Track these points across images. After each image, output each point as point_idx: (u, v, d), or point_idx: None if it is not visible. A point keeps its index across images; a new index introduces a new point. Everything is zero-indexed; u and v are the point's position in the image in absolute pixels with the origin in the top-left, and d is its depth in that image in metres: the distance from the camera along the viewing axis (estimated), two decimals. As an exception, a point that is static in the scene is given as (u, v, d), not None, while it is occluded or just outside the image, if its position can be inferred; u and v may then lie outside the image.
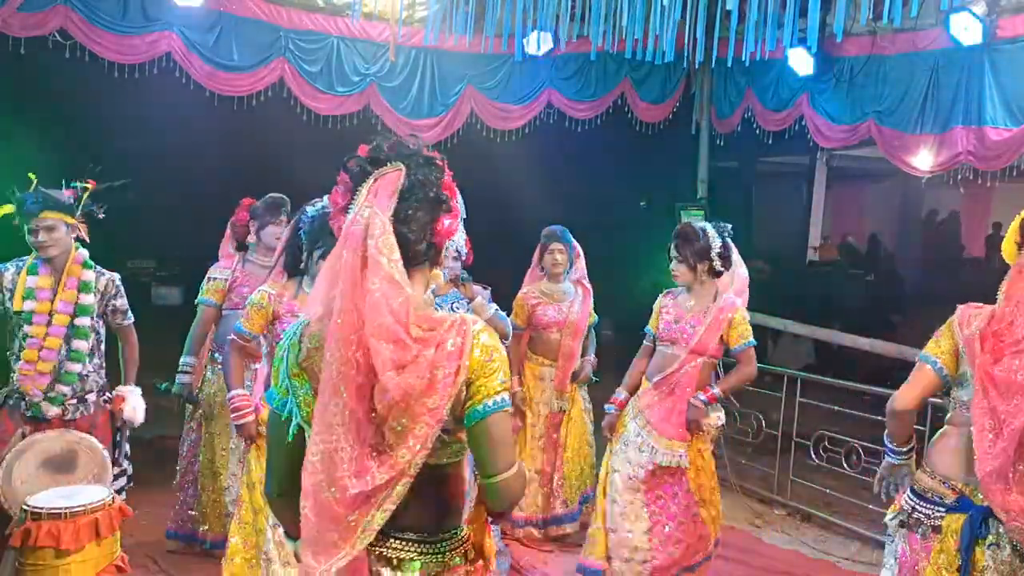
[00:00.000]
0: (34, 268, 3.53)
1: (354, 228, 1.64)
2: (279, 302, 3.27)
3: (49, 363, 3.55)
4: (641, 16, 5.38)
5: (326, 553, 1.61)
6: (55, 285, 3.54)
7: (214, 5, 5.83)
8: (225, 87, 6.05)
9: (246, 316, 3.32)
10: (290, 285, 3.33)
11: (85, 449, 3.50)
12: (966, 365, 2.51)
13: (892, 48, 6.13)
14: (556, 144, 7.74)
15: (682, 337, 3.84)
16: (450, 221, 1.76)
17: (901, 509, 2.62)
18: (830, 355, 8.30)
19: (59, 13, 5.33)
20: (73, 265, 3.58)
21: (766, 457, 5.90)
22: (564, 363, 4.74)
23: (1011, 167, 5.72)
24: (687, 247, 3.80)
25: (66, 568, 3.16)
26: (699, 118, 7.85)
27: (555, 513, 4.84)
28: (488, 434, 1.68)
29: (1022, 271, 2.42)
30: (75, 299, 3.57)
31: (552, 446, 4.80)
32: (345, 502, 1.60)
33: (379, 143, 1.75)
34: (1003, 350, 2.37)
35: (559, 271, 4.75)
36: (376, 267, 1.59)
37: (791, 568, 4.68)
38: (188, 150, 8.17)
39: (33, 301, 3.49)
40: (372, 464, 1.61)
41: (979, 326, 2.44)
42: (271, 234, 4.19)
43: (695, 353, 3.82)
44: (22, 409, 3.54)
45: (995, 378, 2.35)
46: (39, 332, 3.51)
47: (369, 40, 6.46)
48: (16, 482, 3.33)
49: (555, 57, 6.93)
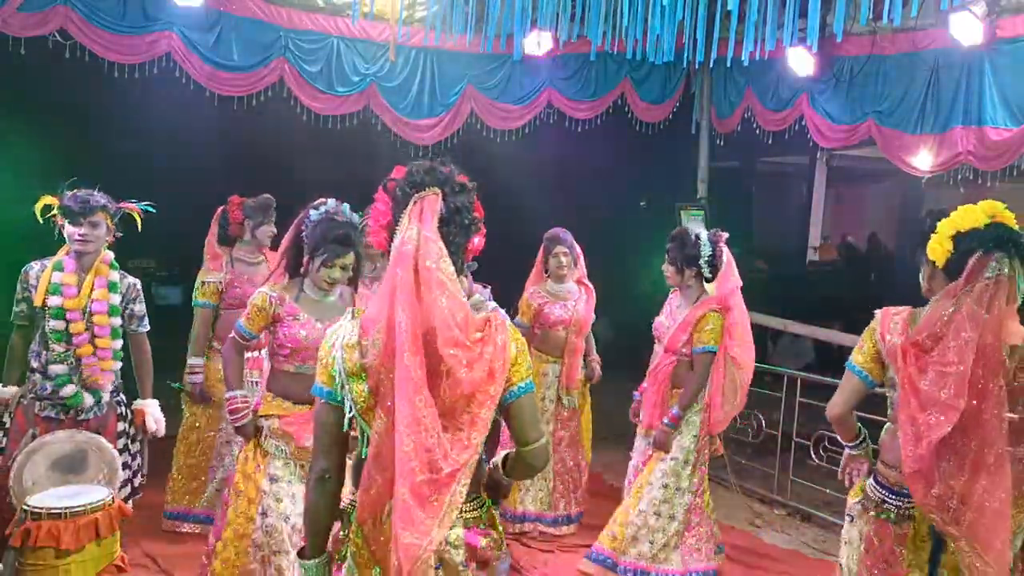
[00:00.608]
0: (59, 265, 3.57)
1: (405, 248, 1.88)
2: (280, 305, 3.29)
3: (109, 362, 3.62)
4: (641, 16, 5.38)
5: (423, 531, 1.84)
6: (80, 283, 3.57)
7: (214, 5, 5.83)
8: (225, 87, 6.04)
9: (247, 316, 3.34)
10: (291, 287, 3.35)
11: (95, 450, 3.52)
12: (892, 371, 2.61)
13: (892, 48, 6.13)
14: (556, 144, 7.73)
15: (664, 335, 4.17)
16: (479, 239, 2.12)
17: (865, 495, 2.80)
18: (830, 355, 8.30)
19: (59, 13, 5.32)
20: (101, 265, 3.64)
21: (766, 457, 5.90)
22: (571, 360, 4.88)
23: (1011, 167, 5.72)
24: (678, 250, 4.08)
25: (66, 568, 3.17)
26: (699, 118, 7.84)
27: (562, 513, 4.96)
28: (523, 409, 2.03)
29: (953, 296, 2.48)
30: (107, 298, 3.61)
31: (558, 443, 4.92)
32: (437, 483, 1.85)
33: (414, 167, 2.00)
34: (927, 364, 2.47)
35: (564, 272, 4.91)
36: (441, 287, 1.87)
37: (791, 568, 4.68)
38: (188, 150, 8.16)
39: (59, 297, 3.52)
40: (451, 448, 1.88)
41: (900, 335, 2.56)
42: (265, 233, 4.50)
43: (669, 351, 4.10)
44: (36, 409, 3.56)
45: (919, 391, 2.47)
46: (78, 328, 3.54)
47: (369, 40, 6.46)
48: (27, 483, 3.34)
49: (555, 57, 6.92)
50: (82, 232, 3.52)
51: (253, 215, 4.53)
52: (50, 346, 3.54)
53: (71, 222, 3.52)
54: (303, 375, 3.22)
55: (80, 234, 3.52)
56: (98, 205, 3.55)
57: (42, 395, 3.56)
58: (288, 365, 3.30)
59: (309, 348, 3.23)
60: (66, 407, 3.57)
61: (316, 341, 3.17)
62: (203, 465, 4.68)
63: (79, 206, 3.50)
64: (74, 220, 3.51)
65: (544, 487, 4.92)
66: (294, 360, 3.29)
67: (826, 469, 5.42)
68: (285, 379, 3.32)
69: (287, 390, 3.30)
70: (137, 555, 4.26)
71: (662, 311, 4.30)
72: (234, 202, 4.61)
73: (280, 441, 3.25)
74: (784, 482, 5.60)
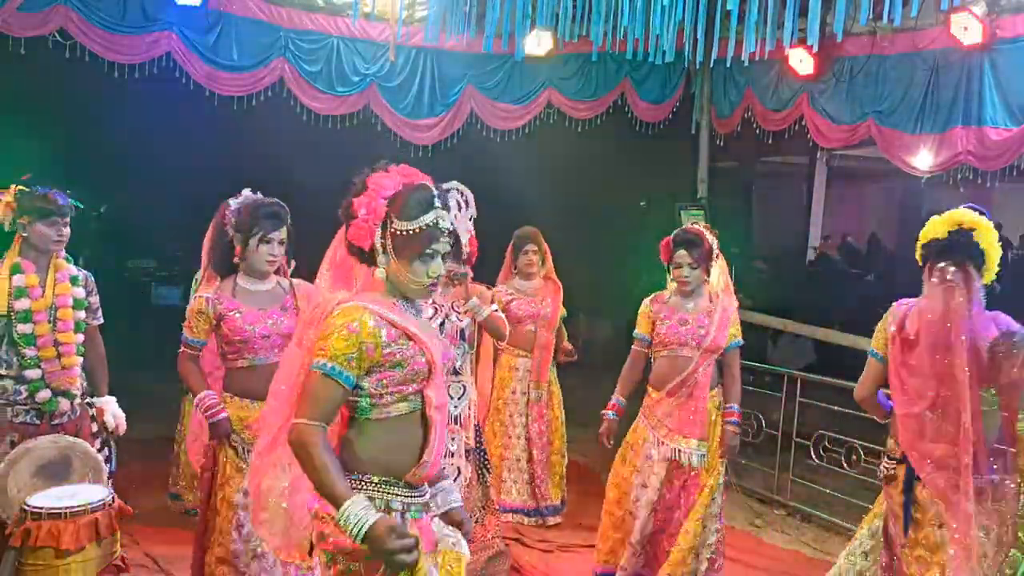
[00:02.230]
0: (17, 268, 3.47)
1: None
2: (219, 303, 3.25)
3: (72, 357, 3.54)
4: (641, 16, 5.38)
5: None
6: (42, 282, 3.50)
7: (214, 5, 5.83)
8: (225, 87, 6.05)
9: (188, 325, 3.29)
10: (226, 285, 3.31)
11: (79, 454, 3.46)
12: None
13: (892, 48, 6.13)
14: (556, 144, 7.73)
15: (693, 339, 3.84)
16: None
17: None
18: (830, 355, 8.30)
19: (59, 13, 5.33)
20: (58, 260, 3.57)
21: (766, 457, 5.90)
22: (541, 353, 5.08)
23: (1011, 167, 5.72)
24: (696, 251, 3.82)
25: (66, 568, 3.15)
26: (699, 118, 7.84)
27: (545, 504, 5.10)
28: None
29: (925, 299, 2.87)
30: (70, 291, 3.56)
31: (537, 436, 5.09)
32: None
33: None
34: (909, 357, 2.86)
35: (532, 270, 5.11)
36: None
37: (791, 568, 4.68)
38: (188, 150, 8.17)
39: (26, 299, 3.44)
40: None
41: (895, 326, 2.93)
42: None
43: (709, 352, 3.84)
44: (10, 415, 3.45)
45: (903, 381, 2.88)
46: (44, 330, 3.47)
47: (369, 40, 6.46)
48: (12, 491, 3.28)
49: (555, 57, 6.92)
50: (61, 233, 3.47)
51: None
52: (20, 351, 3.44)
53: (46, 223, 3.44)
54: (257, 367, 3.20)
55: (59, 234, 3.47)
56: (71, 204, 3.49)
57: (15, 401, 3.46)
58: (241, 361, 3.25)
59: (256, 339, 3.20)
60: (40, 412, 3.49)
61: (263, 330, 3.19)
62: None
63: (58, 207, 3.44)
64: (50, 221, 3.44)
65: (524, 479, 5.09)
66: (245, 354, 3.23)
67: (826, 469, 5.42)
68: (241, 376, 3.26)
69: (245, 386, 3.24)
70: (137, 555, 4.26)
71: (661, 318, 3.91)
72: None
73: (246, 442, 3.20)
74: (784, 482, 5.60)
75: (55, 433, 3.48)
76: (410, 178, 2.17)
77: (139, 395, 3.93)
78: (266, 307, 3.26)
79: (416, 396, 2.16)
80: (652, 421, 3.91)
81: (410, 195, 2.13)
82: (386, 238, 2.12)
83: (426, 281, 2.15)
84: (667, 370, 3.89)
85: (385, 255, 2.13)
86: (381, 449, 2.13)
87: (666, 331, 3.88)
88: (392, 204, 2.12)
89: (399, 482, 2.15)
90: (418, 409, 2.17)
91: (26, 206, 3.43)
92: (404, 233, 2.11)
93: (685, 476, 3.89)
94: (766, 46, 5.14)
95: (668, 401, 3.87)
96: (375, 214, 2.11)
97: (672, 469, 3.87)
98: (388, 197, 2.12)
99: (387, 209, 2.11)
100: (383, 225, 2.12)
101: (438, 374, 2.19)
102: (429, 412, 2.17)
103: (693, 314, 3.87)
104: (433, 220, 2.12)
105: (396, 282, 2.15)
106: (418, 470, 2.15)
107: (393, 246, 2.12)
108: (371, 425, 2.14)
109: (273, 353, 3.19)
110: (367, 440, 2.14)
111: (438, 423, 2.18)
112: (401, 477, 2.15)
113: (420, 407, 2.17)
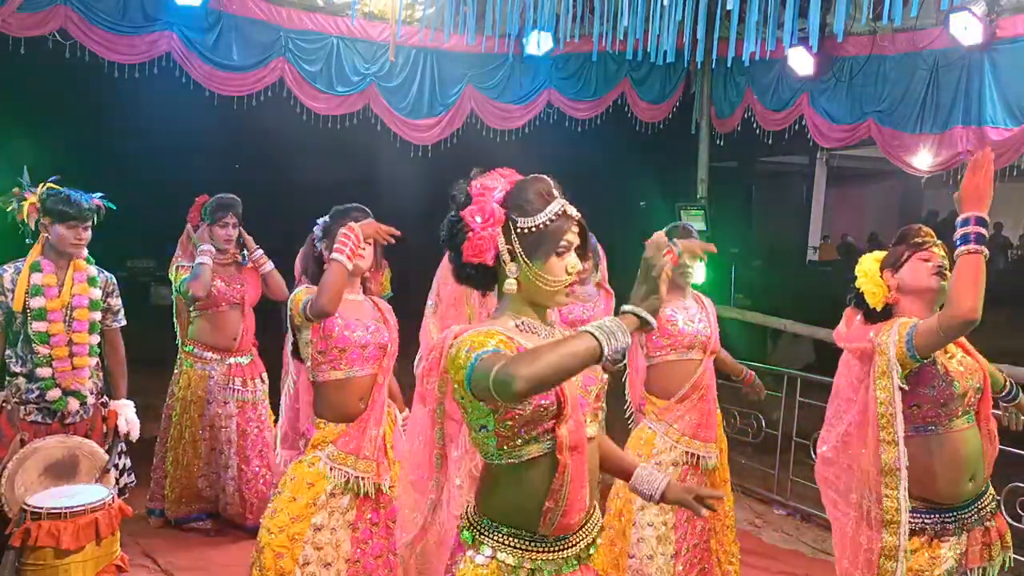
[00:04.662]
0: (37, 266, 3.52)
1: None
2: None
3: (84, 358, 3.57)
4: (641, 16, 5.37)
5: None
6: (60, 282, 3.55)
7: (214, 5, 5.82)
8: (225, 87, 6.04)
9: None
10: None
11: (86, 455, 3.49)
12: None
13: (892, 48, 6.13)
14: (556, 144, 7.73)
15: (699, 340, 3.72)
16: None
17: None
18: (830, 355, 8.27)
19: (59, 13, 5.32)
20: (78, 260, 3.60)
21: (766, 457, 5.90)
22: None
23: (1011, 167, 5.72)
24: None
25: (66, 568, 3.16)
26: (699, 118, 7.84)
27: None
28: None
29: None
30: (87, 292, 3.59)
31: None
32: None
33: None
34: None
35: (585, 276, 4.70)
36: None
37: (791, 568, 4.68)
38: (188, 150, 8.18)
39: (42, 298, 3.48)
40: None
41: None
42: (220, 236, 4.62)
43: (713, 352, 3.77)
44: (22, 414, 3.50)
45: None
46: (58, 329, 3.50)
47: (369, 40, 6.46)
48: (19, 490, 3.31)
49: (555, 57, 6.92)
50: (80, 236, 3.51)
51: (208, 216, 4.62)
52: (34, 348, 3.48)
53: (65, 226, 3.48)
54: (352, 379, 3.11)
55: (77, 238, 3.50)
56: (94, 208, 3.53)
57: (28, 399, 3.50)
58: (336, 373, 3.12)
59: (355, 347, 3.11)
60: (52, 411, 3.52)
61: (363, 339, 3.11)
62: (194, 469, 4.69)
63: (78, 211, 3.48)
64: (70, 223, 3.48)
65: None
66: (342, 364, 3.11)
67: (826, 469, 5.42)
68: (333, 393, 3.12)
69: (336, 403, 3.12)
70: (137, 555, 4.26)
71: (671, 321, 3.72)
72: (196, 203, 4.77)
73: (343, 466, 3.09)
74: (784, 482, 5.60)
75: (66, 433, 3.51)
76: (511, 176, 1.97)
77: (138, 395, 3.94)
78: (362, 317, 3.19)
79: (547, 437, 1.84)
80: (660, 427, 3.72)
81: (527, 188, 1.92)
82: (511, 243, 1.88)
83: (566, 279, 1.90)
84: (679, 375, 3.72)
85: (515, 261, 1.88)
86: (511, 498, 1.89)
87: (681, 334, 3.70)
88: (508, 204, 1.90)
89: (532, 535, 1.88)
90: (552, 451, 1.85)
91: (49, 208, 3.48)
92: (532, 230, 1.87)
93: (701, 481, 3.71)
94: (766, 46, 5.13)
95: (679, 407, 3.71)
96: (494, 217, 1.87)
97: (685, 475, 3.68)
98: (501, 198, 1.90)
99: (504, 210, 1.89)
100: (504, 230, 1.88)
101: (574, 409, 1.85)
102: (560, 455, 1.82)
103: (697, 315, 3.78)
104: (560, 209, 1.91)
105: (531, 291, 1.90)
106: (546, 520, 1.86)
107: (522, 248, 1.87)
108: (502, 471, 1.89)
109: (368, 365, 3.12)
110: (499, 488, 1.91)
111: (570, 467, 1.84)
112: (534, 530, 1.88)
113: (553, 448, 1.84)
